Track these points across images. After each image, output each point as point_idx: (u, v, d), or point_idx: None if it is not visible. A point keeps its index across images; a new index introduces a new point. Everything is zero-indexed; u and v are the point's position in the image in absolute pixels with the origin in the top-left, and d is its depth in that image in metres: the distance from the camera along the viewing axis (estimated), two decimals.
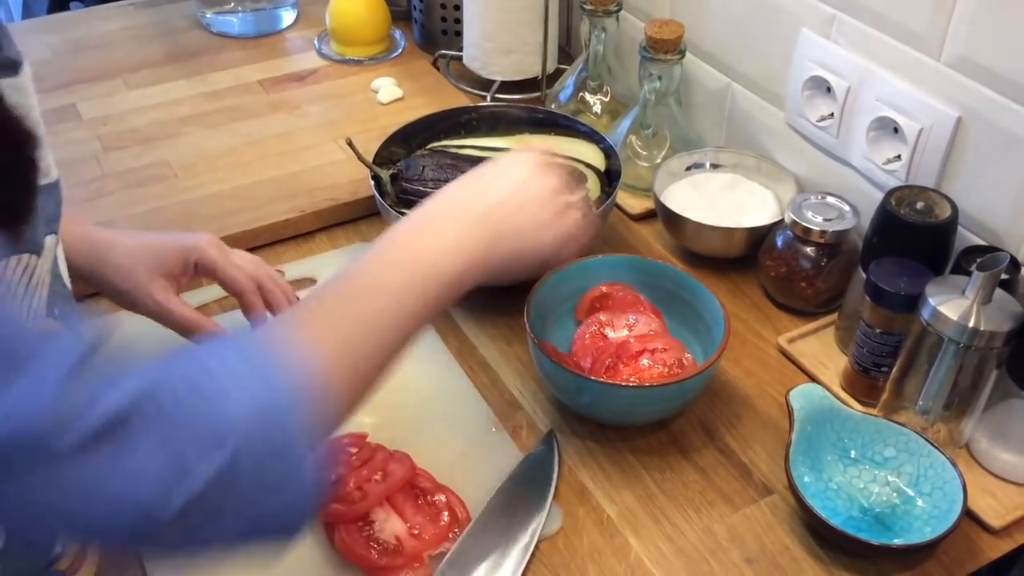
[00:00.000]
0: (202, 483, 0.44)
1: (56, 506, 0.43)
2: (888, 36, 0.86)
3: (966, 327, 0.71)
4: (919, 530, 0.72)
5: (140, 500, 0.43)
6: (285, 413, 0.48)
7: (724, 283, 0.98)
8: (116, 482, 0.43)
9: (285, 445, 0.47)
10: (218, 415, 0.46)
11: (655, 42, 1.01)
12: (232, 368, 0.48)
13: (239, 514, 0.47)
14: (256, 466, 0.46)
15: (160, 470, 0.43)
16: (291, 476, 0.48)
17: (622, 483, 0.78)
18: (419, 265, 0.60)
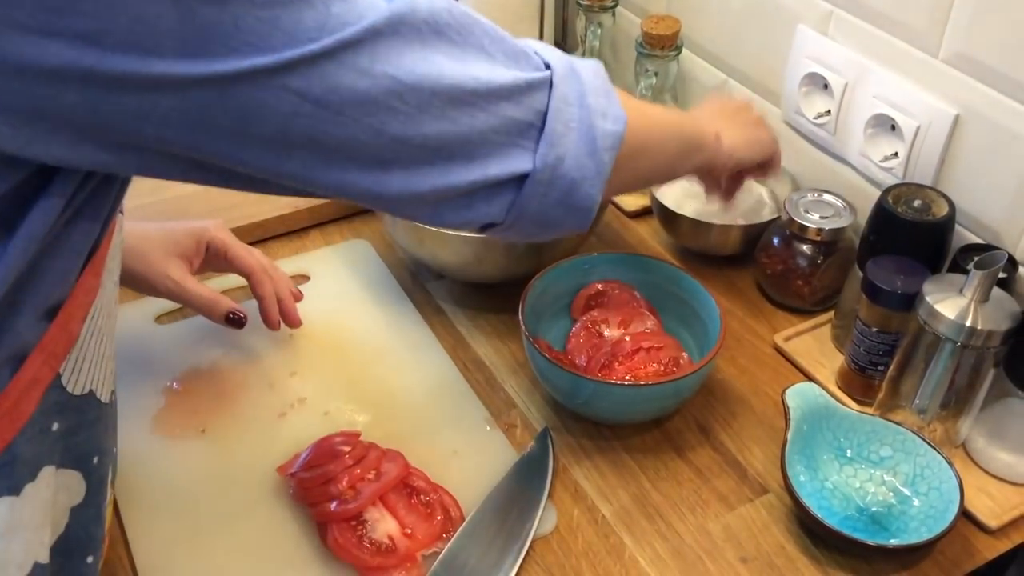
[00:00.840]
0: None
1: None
2: (886, 33, 0.85)
3: (963, 326, 0.71)
4: (915, 530, 0.71)
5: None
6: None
7: (720, 281, 0.97)
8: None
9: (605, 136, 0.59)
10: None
11: (651, 38, 1.01)
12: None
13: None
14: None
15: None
16: (615, 112, 0.60)
17: (617, 482, 0.77)
18: (686, 123, 0.73)
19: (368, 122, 0.49)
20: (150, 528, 0.72)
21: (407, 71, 0.49)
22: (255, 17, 0.44)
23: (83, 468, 0.56)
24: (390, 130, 0.50)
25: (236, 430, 0.80)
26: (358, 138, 0.49)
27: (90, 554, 0.58)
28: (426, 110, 0.51)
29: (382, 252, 1.01)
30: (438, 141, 0.52)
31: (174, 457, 0.78)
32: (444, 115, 0.52)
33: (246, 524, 0.73)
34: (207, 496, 0.75)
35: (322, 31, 0.46)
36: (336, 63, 0.47)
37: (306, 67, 0.46)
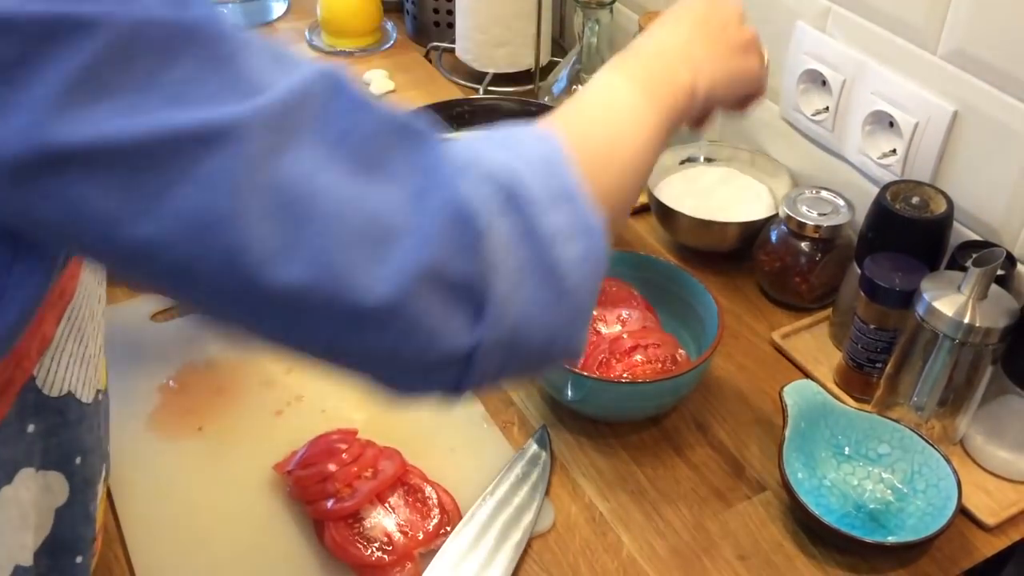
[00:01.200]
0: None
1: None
2: (884, 29, 0.85)
3: (961, 323, 0.70)
4: (913, 527, 0.71)
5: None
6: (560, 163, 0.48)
7: (718, 278, 0.97)
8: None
9: (567, 187, 0.47)
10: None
11: None
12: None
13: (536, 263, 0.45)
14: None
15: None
16: (581, 221, 0.46)
17: (614, 480, 0.77)
18: (654, 81, 0.59)
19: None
20: (147, 526, 0.72)
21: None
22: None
23: (65, 469, 0.55)
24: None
25: (233, 428, 0.80)
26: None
27: (79, 554, 0.58)
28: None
29: None
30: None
31: (171, 455, 0.78)
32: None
33: (243, 522, 0.73)
34: (204, 494, 0.75)
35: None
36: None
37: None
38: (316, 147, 0.40)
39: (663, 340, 0.84)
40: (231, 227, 0.38)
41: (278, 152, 0.39)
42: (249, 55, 0.40)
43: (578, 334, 0.48)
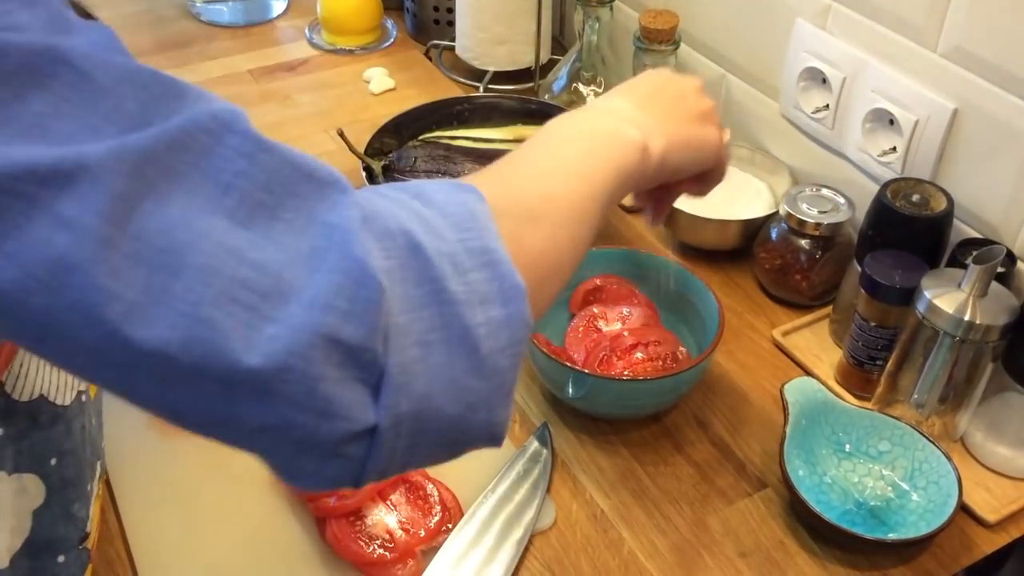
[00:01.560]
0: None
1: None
2: (884, 27, 0.85)
3: (962, 320, 0.71)
4: (914, 524, 0.71)
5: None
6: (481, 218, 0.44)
7: (718, 275, 0.97)
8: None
9: (487, 250, 0.43)
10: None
11: (649, 32, 1.00)
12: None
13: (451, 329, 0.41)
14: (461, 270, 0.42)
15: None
16: (501, 285, 0.42)
17: (615, 477, 0.77)
18: (598, 135, 0.57)
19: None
20: (148, 523, 0.72)
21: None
22: None
23: (40, 471, 0.55)
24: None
25: None
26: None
27: (61, 553, 0.58)
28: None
29: None
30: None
31: (172, 452, 0.78)
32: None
33: (245, 519, 0.73)
34: (205, 491, 0.75)
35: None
36: None
37: None
38: (194, 193, 0.36)
39: (664, 338, 0.84)
40: (87, 276, 0.34)
41: (146, 196, 0.35)
42: (129, 90, 0.37)
43: (499, 408, 0.43)
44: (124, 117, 0.36)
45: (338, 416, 0.38)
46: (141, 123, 0.37)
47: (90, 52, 0.37)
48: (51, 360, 0.38)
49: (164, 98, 0.38)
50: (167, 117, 0.37)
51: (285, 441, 0.39)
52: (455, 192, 0.45)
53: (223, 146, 0.38)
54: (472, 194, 0.45)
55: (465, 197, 0.45)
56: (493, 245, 0.43)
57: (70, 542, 0.59)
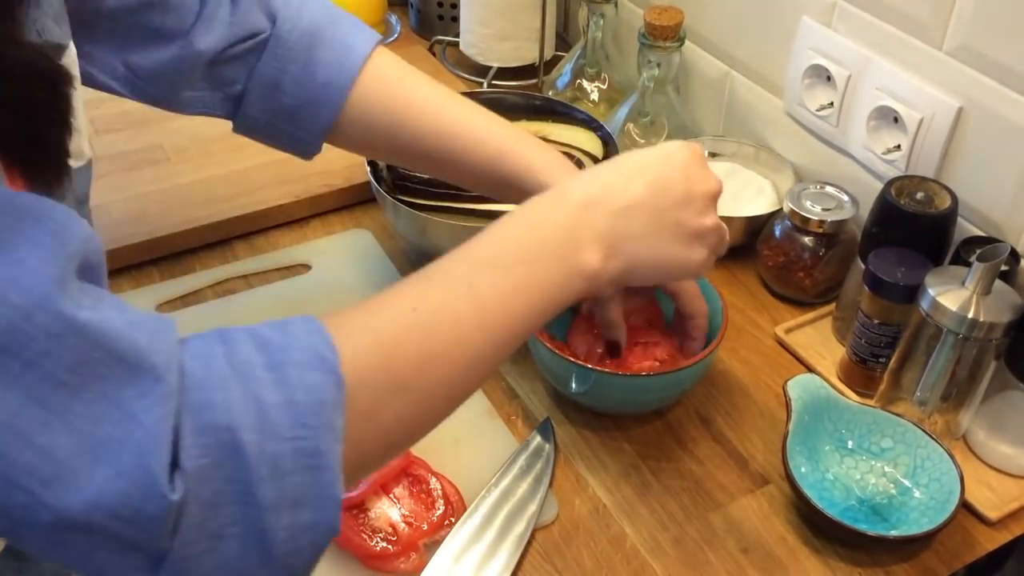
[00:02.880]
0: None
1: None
2: (889, 25, 0.85)
3: (965, 318, 0.71)
4: (916, 521, 0.72)
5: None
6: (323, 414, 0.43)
7: (721, 272, 0.97)
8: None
9: (316, 452, 0.42)
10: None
11: (654, 29, 1.00)
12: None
13: (249, 525, 0.41)
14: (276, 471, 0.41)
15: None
16: (317, 492, 0.42)
17: (618, 472, 0.78)
18: (542, 260, 0.53)
19: None
20: None
21: None
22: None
23: None
24: None
25: None
26: None
27: None
28: None
29: (384, 242, 1.00)
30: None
31: None
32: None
33: None
34: None
35: None
36: None
37: None
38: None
39: (661, 339, 0.83)
40: None
41: None
42: None
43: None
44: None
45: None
46: None
47: None
48: None
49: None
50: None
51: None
52: (313, 371, 0.43)
53: (29, 323, 0.37)
54: (330, 377, 0.43)
55: (321, 381, 0.43)
56: (325, 448, 0.42)
57: None
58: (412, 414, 0.48)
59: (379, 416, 0.46)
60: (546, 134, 0.99)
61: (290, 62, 0.72)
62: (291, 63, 0.72)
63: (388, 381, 0.46)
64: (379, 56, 0.75)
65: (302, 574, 0.43)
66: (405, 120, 0.73)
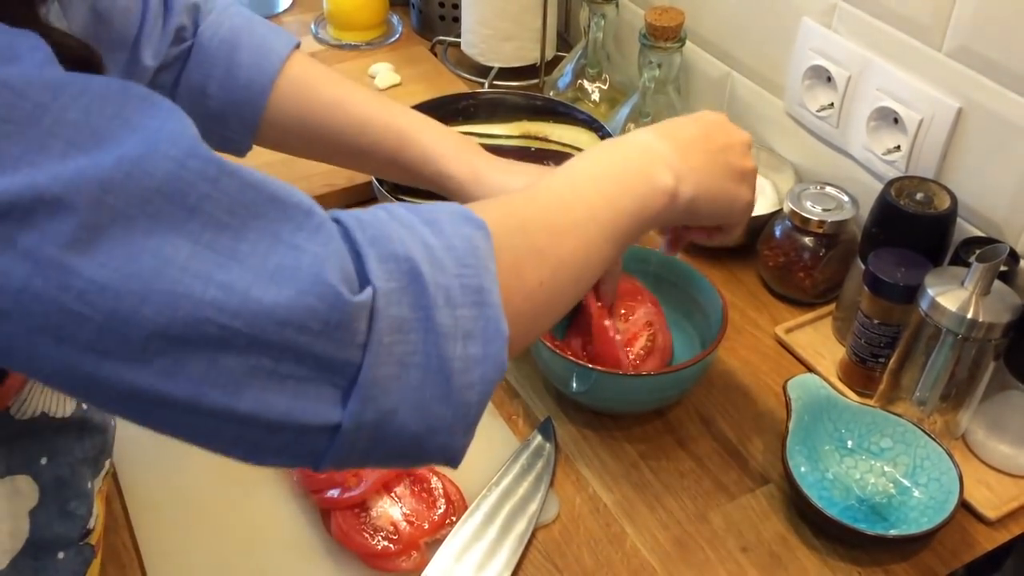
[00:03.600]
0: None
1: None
2: (890, 26, 0.85)
3: (964, 318, 0.71)
4: (915, 520, 0.72)
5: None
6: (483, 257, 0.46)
7: (721, 272, 0.97)
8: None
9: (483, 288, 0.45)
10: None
11: (655, 29, 1.01)
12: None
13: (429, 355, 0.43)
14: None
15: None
16: (486, 325, 0.44)
17: (618, 471, 0.78)
18: (629, 176, 0.58)
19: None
20: (155, 515, 0.73)
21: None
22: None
23: (31, 470, 0.55)
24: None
25: None
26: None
27: (60, 550, 0.58)
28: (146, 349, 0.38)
29: None
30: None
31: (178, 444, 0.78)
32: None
33: (251, 511, 0.73)
34: (212, 483, 0.75)
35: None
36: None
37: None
38: (158, 218, 0.38)
39: (635, 306, 0.84)
40: (53, 303, 0.36)
41: (109, 225, 0.37)
42: (69, 100, 0.37)
43: (459, 436, 0.45)
44: (67, 128, 0.37)
45: (305, 411, 0.41)
46: (88, 136, 0.37)
47: (26, 73, 0.38)
48: (28, 375, 0.40)
49: (113, 106, 0.39)
50: (119, 136, 0.38)
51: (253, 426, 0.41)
52: (463, 224, 0.47)
53: (186, 170, 0.38)
54: (480, 230, 0.47)
55: (472, 232, 0.46)
56: (488, 286, 0.45)
57: (69, 539, 0.59)
58: (550, 281, 0.51)
59: (523, 275, 0.49)
60: (547, 134, 1.00)
61: (213, 67, 0.75)
62: (214, 68, 0.75)
63: (526, 244, 0.50)
64: (297, 58, 0.79)
65: (474, 412, 0.45)
66: (319, 117, 0.77)
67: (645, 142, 0.62)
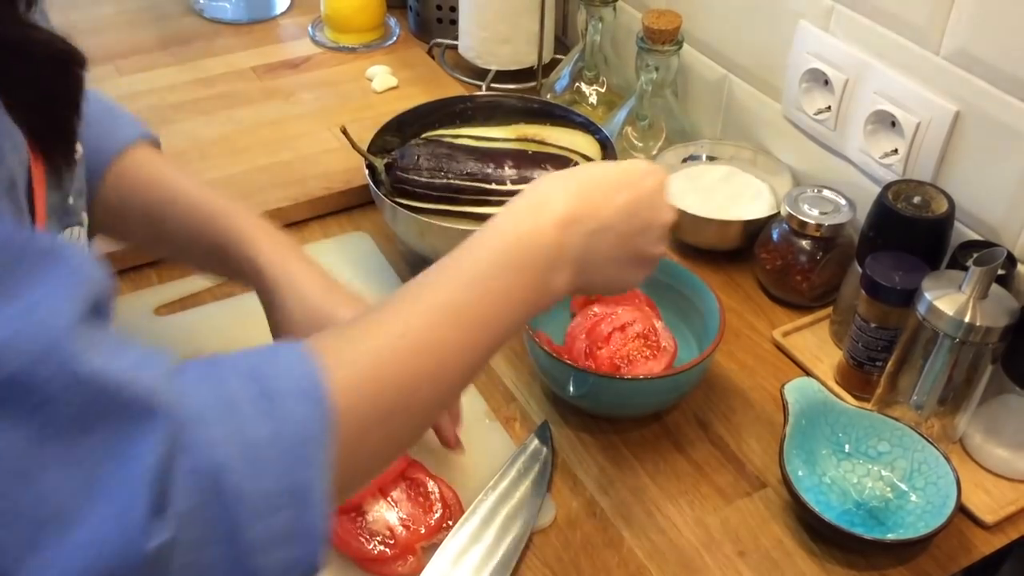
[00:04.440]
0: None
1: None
2: (887, 29, 0.85)
3: (962, 322, 0.71)
4: (912, 525, 0.72)
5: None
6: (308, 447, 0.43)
7: (719, 276, 0.97)
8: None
9: (305, 486, 0.43)
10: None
11: (652, 32, 1.01)
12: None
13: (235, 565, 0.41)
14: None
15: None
16: (304, 527, 0.43)
17: (616, 475, 0.78)
18: (521, 285, 0.54)
19: None
20: None
21: None
22: None
23: None
24: None
25: None
26: None
27: None
28: None
29: (382, 245, 1.01)
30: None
31: None
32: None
33: None
34: None
35: None
36: None
37: None
38: (2, 408, 0.36)
39: (635, 317, 0.84)
40: None
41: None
42: None
43: None
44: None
45: None
46: None
47: None
48: None
49: (2, 265, 0.37)
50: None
51: None
52: (303, 404, 0.44)
53: (39, 368, 0.37)
54: (320, 413, 0.44)
55: (310, 415, 0.44)
56: (312, 484, 0.43)
57: None
58: (399, 435, 0.49)
59: (366, 442, 0.47)
60: (544, 137, 1.00)
61: None
62: None
63: (377, 408, 0.47)
64: (143, 149, 0.74)
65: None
66: (152, 204, 0.72)
67: (560, 227, 0.56)
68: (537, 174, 0.93)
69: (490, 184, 0.93)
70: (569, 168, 0.65)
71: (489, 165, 0.93)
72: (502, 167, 0.93)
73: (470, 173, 0.93)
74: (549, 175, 0.60)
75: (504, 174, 0.93)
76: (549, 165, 0.94)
